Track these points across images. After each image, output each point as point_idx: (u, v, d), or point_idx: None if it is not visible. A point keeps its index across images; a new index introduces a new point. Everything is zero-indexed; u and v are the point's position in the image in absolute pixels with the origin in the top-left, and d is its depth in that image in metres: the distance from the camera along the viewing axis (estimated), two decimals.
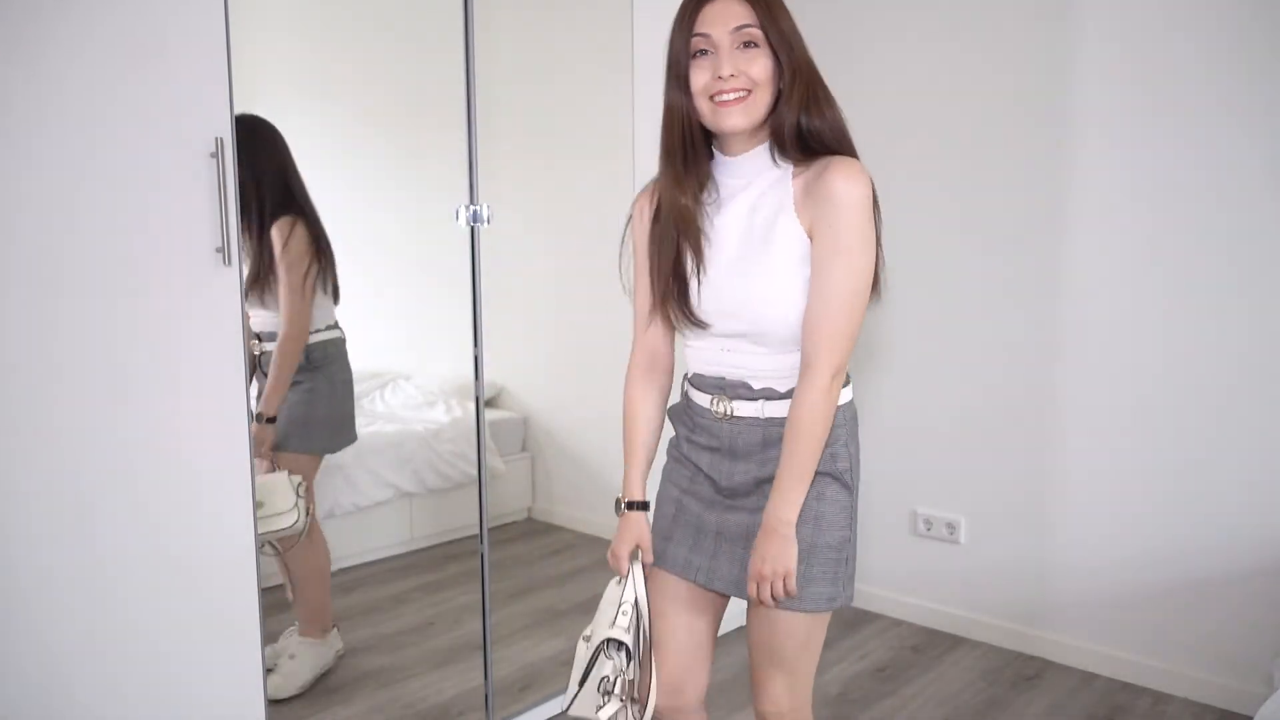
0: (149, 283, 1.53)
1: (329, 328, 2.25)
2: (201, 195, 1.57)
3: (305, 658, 2.24)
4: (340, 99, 2.46)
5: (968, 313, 2.76)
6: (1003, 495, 2.74)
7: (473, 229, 2.09)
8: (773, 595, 1.33)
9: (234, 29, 1.59)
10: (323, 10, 2.42)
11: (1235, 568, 2.35)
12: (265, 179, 2.11)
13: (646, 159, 2.38)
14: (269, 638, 2.10)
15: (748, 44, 1.26)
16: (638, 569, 1.47)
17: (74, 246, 1.46)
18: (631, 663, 1.42)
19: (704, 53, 1.27)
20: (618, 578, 1.48)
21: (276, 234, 2.12)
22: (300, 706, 2.17)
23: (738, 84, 1.26)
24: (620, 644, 1.41)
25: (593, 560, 2.82)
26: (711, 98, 1.27)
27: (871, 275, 1.33)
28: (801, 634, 1.39)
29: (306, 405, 2.24)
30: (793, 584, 1.32)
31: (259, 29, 2.05)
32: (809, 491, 1.34)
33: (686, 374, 1.49)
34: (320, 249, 2.20)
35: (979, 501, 2.79)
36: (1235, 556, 2.35)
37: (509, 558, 2.72)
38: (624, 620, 1.41)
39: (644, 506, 1.48)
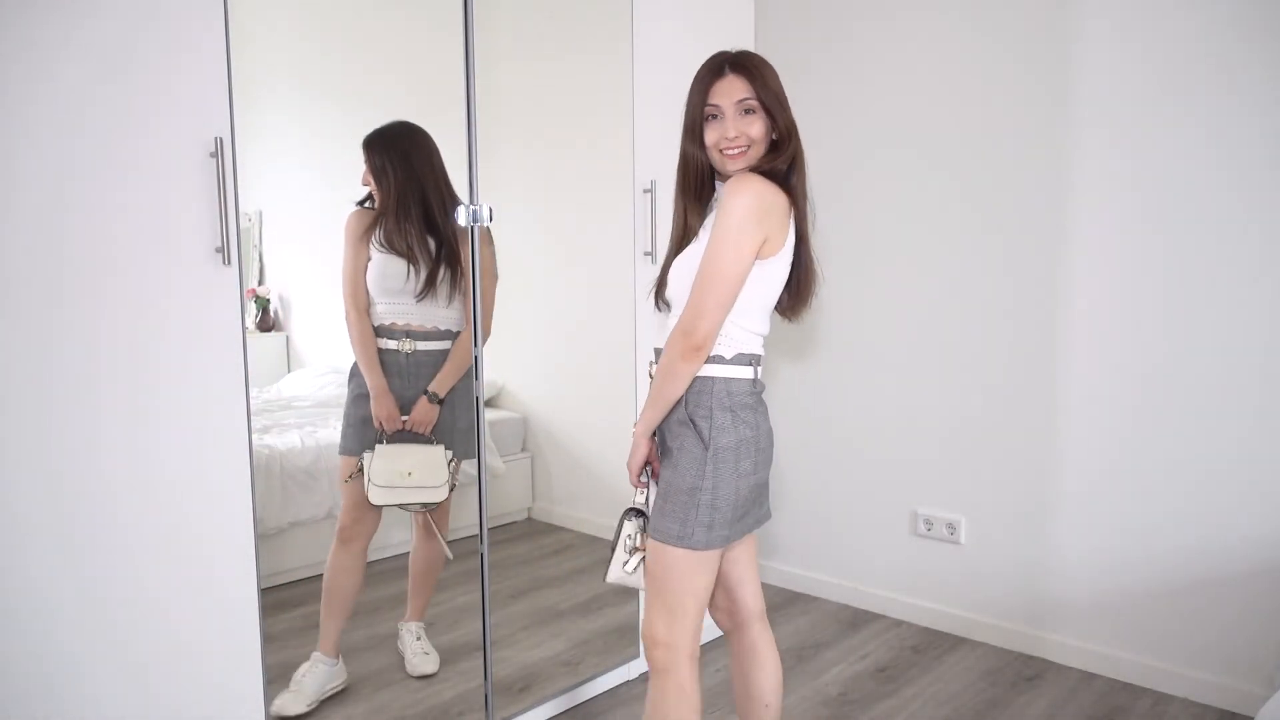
0: (149, 282, 1.54)
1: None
2: (201, 195, 1.57)
3: (313, 676, 2.25)
4: (340, 99, 2.46)
5: (968, 313, 2.76)
6: (1003, 495, 2.74)
7: (473, 229, 2.09)
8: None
9: (234, 29, 1.59)
10: (322, 10, 2.42)
11: (1235, 568, 2.35)
12: (429, 181, 2.20)
13: (646, 159, 2.39)
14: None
15: (747, 111, 1.63)
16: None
17: (73, 246, 1.46)
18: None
19: (714, 117, 1.65)
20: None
21: (479, 235, 2.16)
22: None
23: (739, 142, 1.63)
24: (640, 512, 1.74)
25: (593, 560, 2.81)
26: (721, 150, 1.64)
27: (729, 265, 1.57)
28: (661, 561, 1.65)
29: (463, 410, 2.33)
30: (633, 477, 1.74)
31: (259, 29, 2.05)
32: (675, 441, 1.65)
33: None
34: None
35: (979, 501, 2.79)
36: (1235, 557, 2.35)
37: (509, 558, 2.71)
38: (640, 498, 1.75)
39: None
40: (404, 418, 2.25)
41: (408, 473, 2.23)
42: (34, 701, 1.48)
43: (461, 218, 2.09)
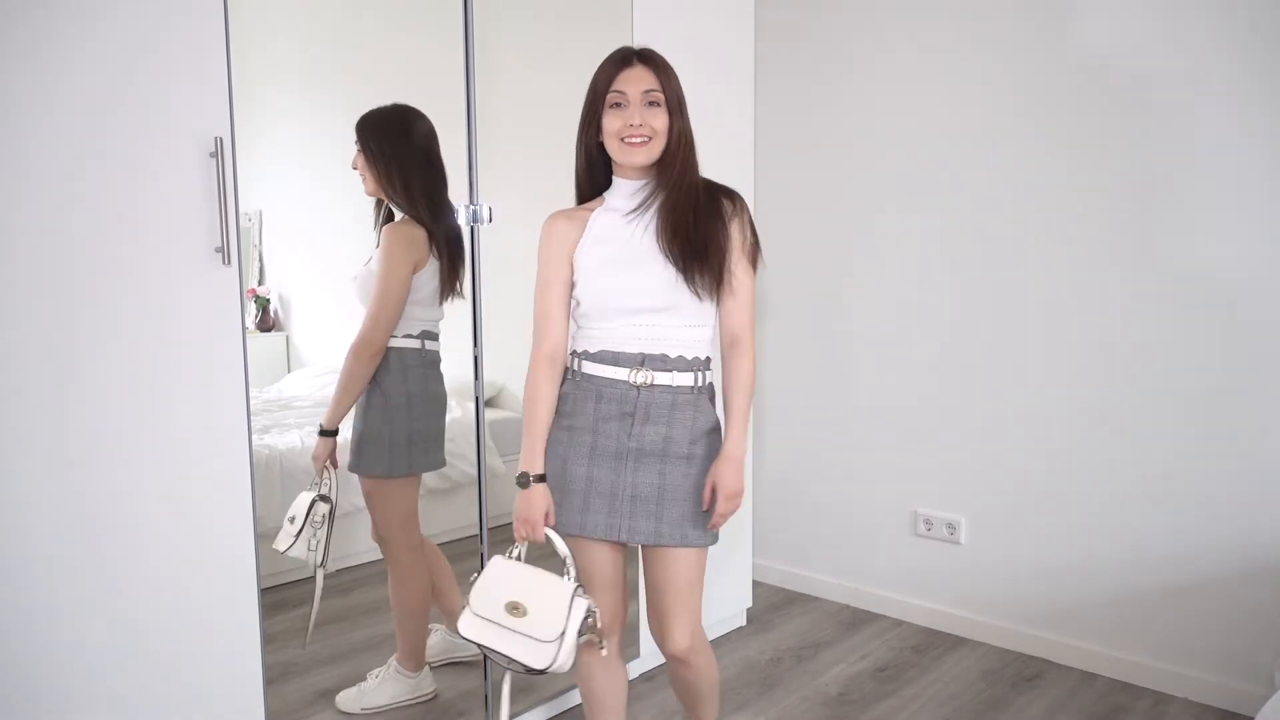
0: (149, 282, 1.53)
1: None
2: (201, 195, 1.57)
3: (387, 685, 2.23)
4: (339, 99, 2.46)
5: (969, 313, 2.76)
6: (1003, 495, 2.74)
7: (473, 229, 2.10)
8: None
9: (234, 29, 1.59)
10: (322, 10, 2.42)
11: (1235, 568, 2.35)
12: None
13: None
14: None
15: (652, 103, 1.63)
16: (553, 531, 1.70)
17: (73, 247, 1.46)
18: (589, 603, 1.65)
19: (618, 105, 1.63)
20: (510, 554, 1.70)
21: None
22: (300, 707, 2.17)
23: (643, 131, 1.62)
24: (580, 587, 1.65)
25: None
26: (623, 139, 1.63)
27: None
28: (698, 568, 1.73)
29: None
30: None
31: (259, 29, 2.05)
32: (700, 448, 1.70)
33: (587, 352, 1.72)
34: None
35: (979, 501, 2.79)
36: (1235, 557, 2.35)
37: None
38: (573, 572, 1.66)
39: (544, 479, 1.73)
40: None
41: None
42: (39, 701, 1.48)
43: (461, 217, 2.09)
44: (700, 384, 1.71)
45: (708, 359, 1.73)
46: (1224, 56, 2.27)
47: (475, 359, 2.14)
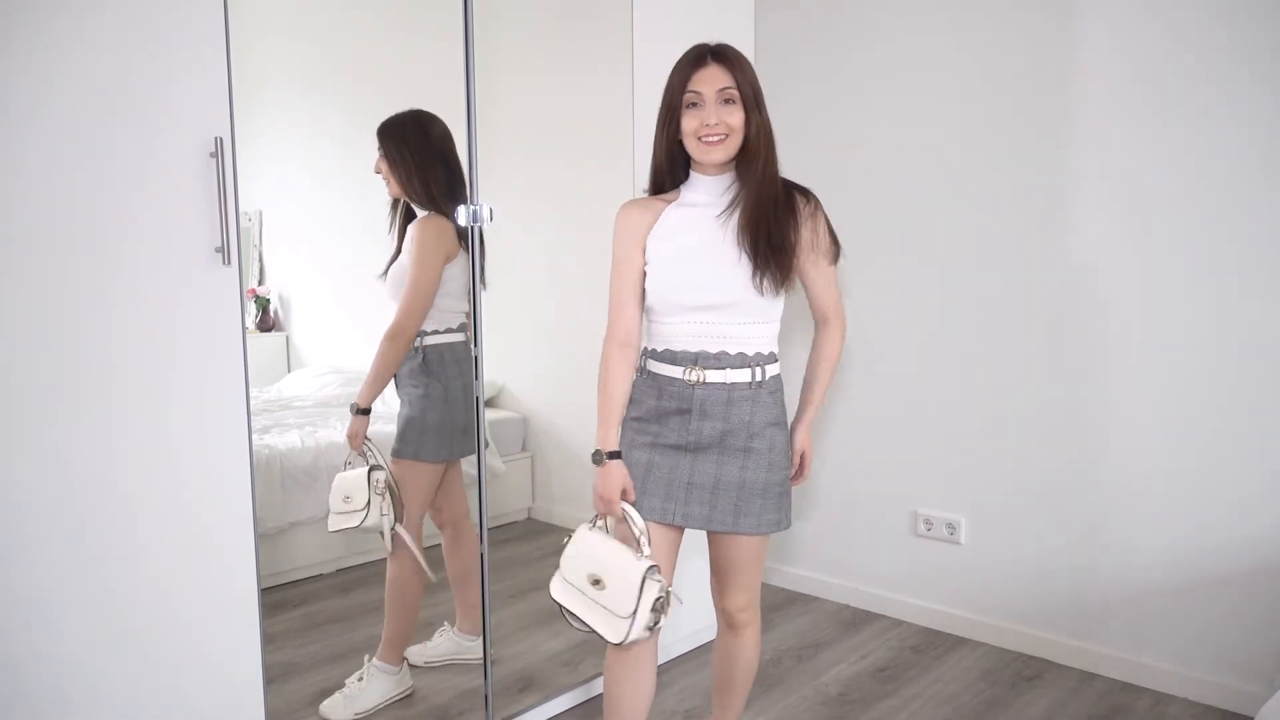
0: (149, 282, 1.54)
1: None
2: (201, 195, 1.57)
3: (374, 684, 2.22)
4: (339, 99, 2.46)
5: (968, 313, 2.76)
6: (1003, 495, 2.74)
7: (472, 229, 2.10)
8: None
9: (234, 29, 1.59)
10: (322, 10, 2.42)
11: (1235, 568, 2.35)
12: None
13: (646, 160, 2.38)
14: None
15: (728, 100, 1.66)
16: (629, 506, 1.74)
17: (73, 246, 1.46)
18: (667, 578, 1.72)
19: (694, 105, 1.67)
20: (595, 524, 1.75)
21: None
22: (300, 707, 2.17)
23: (719, 129, 1.66)
24: (655, 567, 1.65)
25: None
26: (700, 138, 1.67)
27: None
28: (756, 549, 1.83)
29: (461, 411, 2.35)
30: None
31: (259, 29, 2.05)
32: (761, 441, 1.74)
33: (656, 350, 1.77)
34: None
35: (979, 501, 2.79)
36: (1235, 556, 2.35)
37: (509, 558, 2.71)
38: (647, 549, 1.69)
39: (619, 455, 1.77)
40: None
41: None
42: (39, 701, 1.49)
43: (462, 217, 2.09)
44: (758, 379, 1.72)
45: (770, 354, 1.75)
46: (1225, 56, 2.27)
47: (475, 359, 2.14)
